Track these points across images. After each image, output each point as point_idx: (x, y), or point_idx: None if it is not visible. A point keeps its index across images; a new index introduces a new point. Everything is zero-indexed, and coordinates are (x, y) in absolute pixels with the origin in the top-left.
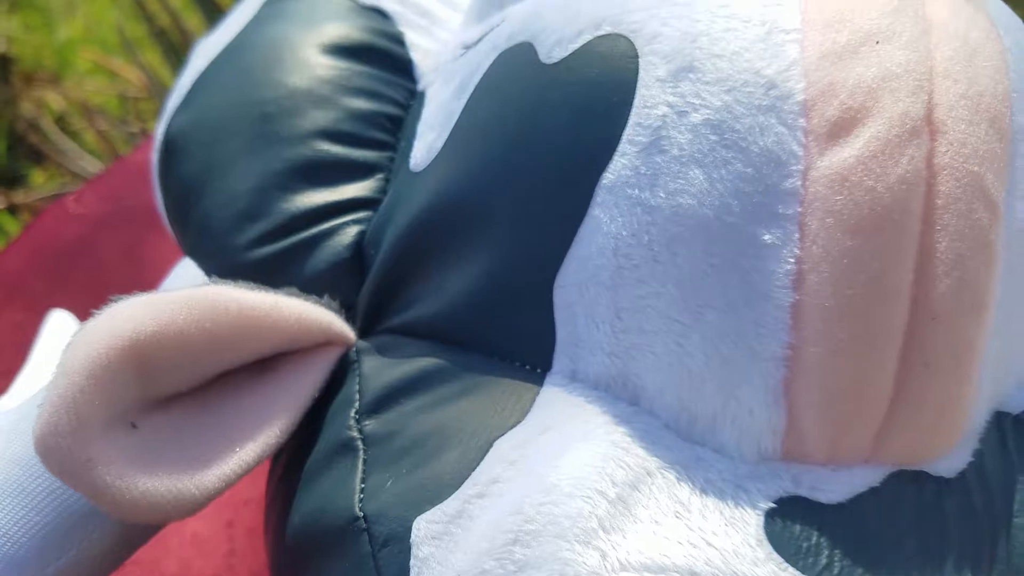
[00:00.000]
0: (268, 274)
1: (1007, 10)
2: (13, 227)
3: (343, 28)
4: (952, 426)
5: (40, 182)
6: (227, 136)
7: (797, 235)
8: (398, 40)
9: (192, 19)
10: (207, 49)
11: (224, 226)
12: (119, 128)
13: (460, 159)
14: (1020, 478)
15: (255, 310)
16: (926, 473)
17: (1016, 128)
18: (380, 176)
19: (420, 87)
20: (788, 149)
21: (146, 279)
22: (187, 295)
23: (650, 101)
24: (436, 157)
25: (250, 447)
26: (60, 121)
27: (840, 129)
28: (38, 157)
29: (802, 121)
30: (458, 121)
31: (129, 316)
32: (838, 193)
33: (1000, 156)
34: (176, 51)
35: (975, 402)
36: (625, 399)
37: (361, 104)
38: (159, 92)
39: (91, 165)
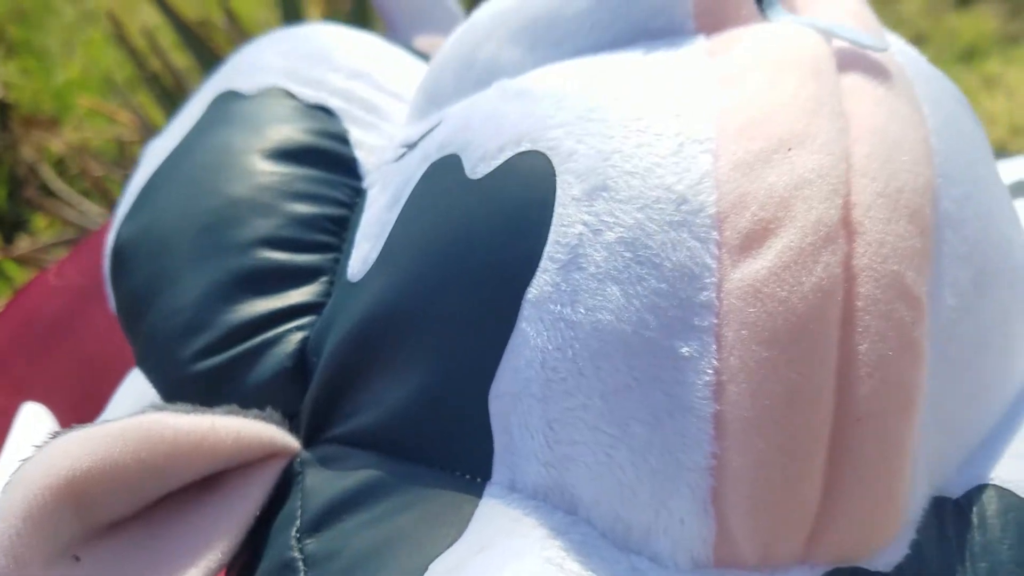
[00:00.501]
0: (213, 386)
1: (938, 80)
2: (16, 273)
3: (286, 131)
4: (886, 522)
5: (42, 227)
6: (172, 247)
7: (714, 346)
8: (342, 139)
9: (184, 60)
10: (156, 151)
11: (170, 339)
12: (115, 171)
13: (392, 274)
14: (959, 567)
15: (191, 435)
16: (863, 569)
17: (941, 216)
18: (324, 279)
19: (365, 184)
20: (701, 262)
21: (128, 352)
22: (122, 426)
23: (567, 220)
24: (370, 269)
25: (192, 573)
26: (59, 164)
27: (752, 241)
28: (44, 198)
29: (715, 234)
30: (390, 235)
31: (64, 453)
32: (751, 305)
33: (921, 250)
34: (169, 94)
35: (909, 496)
36: (563, 508)
37: (303, 208)
38: (152, 135)
39: (91, 210)
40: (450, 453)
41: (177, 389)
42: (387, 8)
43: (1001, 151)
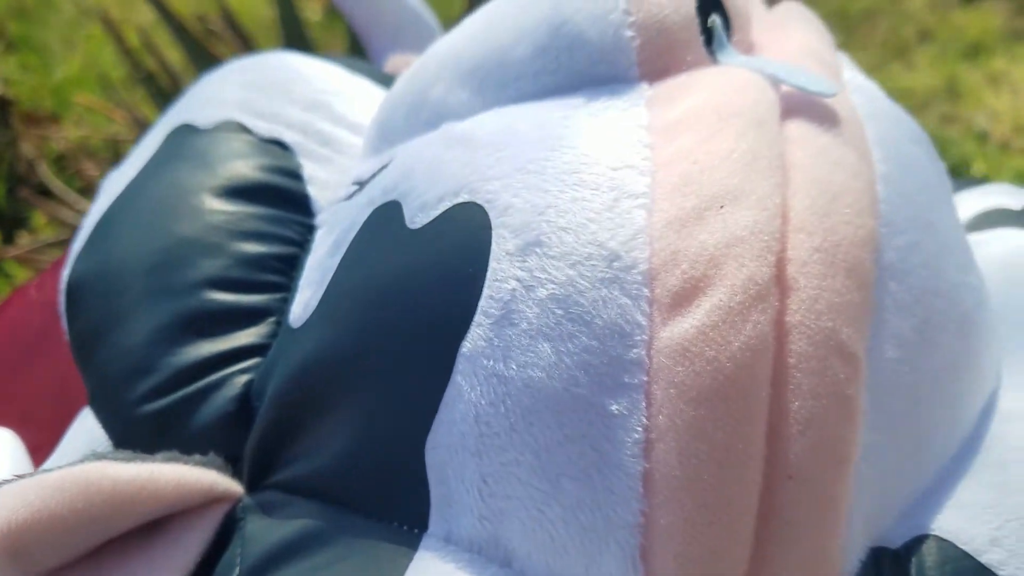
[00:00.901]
0: (159, 429)
1: (895, 120)
2: (16, 271)
3: (238, 167)
4: None
5: (42, 224)
6: (121, 288)
7: (644, 404)
8: (295, 175)
9: (181, 58)
10: (113, 184)
11: (118, 380)
12: (111, 171)
13: (332, 322)
14: None
15: (130, 484)
16: None
17: (884, 266)
18: (271, 320)
19: (317, 221)
20: (632, 320)
21: None
22: (60, 477)
23: (500, 275)
24: (311, 317)
25: None
26: (60, 161)
27: (682, 299)
28: (40, 199)
29: (646, 291)
30: (331, 282)
31: (0, 507)
32: (679, 364)
33: (859, 305)
34: (164, 93)
35: (844, 550)
36: (497, 561)
37: (252, 248)
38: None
39: (87, 209)
40: (387, 503)
41: (126, 430)
42: (362, 25)
43: (1005, 149)
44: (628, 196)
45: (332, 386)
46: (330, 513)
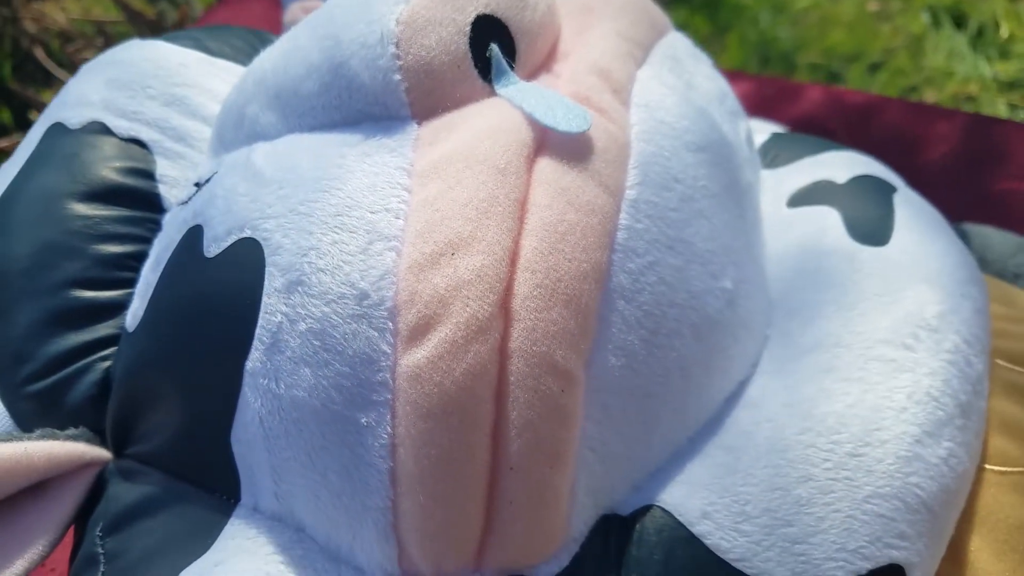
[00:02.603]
0: (42, 406)
1: (681, 132)
2: None
3: (97, 171)
4: (543, 544)
5: (49, 99)
6: (3, 285)
7: (389, 417)
8: (148, 175)
9: None
10: (3, 177)
11: (5, 365)
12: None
13: (150, 335)
14: (614, 572)
15: (8, 460)
16: None
17: (612, 290)
18: (126, 312)
19: (166, 219)
20: (378, 349)
21: None
22: None
23: (270, 308)
24: (138, 325)
25: (19, 563)
26: (64, 35)
27: (418, 333)
28: (46, 76)
29: (391, 324)
30: (151, 298)
31: None
32: (413, 387)
33: (575, 329)
34: None
35: (566, 522)
36: (293, 527)
37: (108, 248)
38: (132, 18)
39: None
40: (210, 479)
41: (18, 406)
42: None
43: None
44: (381, 239)
45: (155, 387)
46: (169, 483)
